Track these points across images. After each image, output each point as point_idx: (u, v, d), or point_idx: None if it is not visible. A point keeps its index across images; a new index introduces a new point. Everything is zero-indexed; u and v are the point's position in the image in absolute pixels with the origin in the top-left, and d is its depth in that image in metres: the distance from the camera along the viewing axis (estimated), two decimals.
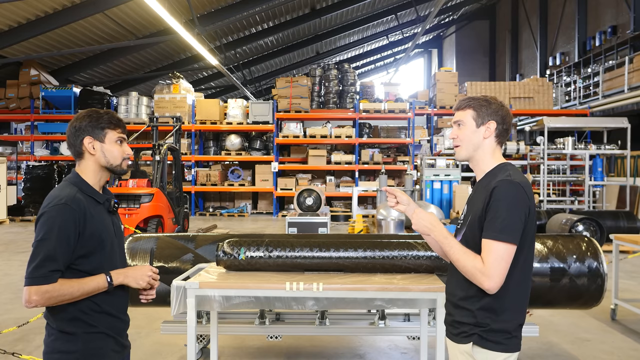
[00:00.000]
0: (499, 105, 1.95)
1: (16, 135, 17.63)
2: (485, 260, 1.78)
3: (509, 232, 1.76)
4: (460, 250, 1.83)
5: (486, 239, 1.79)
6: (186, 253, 3.50)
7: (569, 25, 19.69)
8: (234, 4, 15.25)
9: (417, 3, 20.43)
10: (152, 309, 4.95)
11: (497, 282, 1.77)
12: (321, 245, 2.99)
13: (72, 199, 1.83)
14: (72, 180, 1.92)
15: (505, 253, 1.76)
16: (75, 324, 1.84)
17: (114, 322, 1.94)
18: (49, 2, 12.41)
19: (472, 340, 1.86)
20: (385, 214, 9.58)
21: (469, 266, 1.79)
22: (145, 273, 1.95)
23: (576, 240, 3.44)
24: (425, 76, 36.51)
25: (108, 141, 1.94)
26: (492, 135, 1.94)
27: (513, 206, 1.78)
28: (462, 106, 1.97)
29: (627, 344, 4.41)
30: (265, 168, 15.05)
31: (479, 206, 1.86)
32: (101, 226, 1.90)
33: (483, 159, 1.96)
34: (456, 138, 1.98)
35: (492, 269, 1.76)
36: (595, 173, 11.79)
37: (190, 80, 20.56)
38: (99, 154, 1.93)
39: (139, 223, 8.86)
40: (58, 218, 1.78)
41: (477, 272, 1.78)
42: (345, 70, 16.00)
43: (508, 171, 1.87)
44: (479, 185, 1.97)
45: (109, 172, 1.98)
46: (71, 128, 1.94)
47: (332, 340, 4.39)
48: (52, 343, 1.86)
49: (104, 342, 1.89)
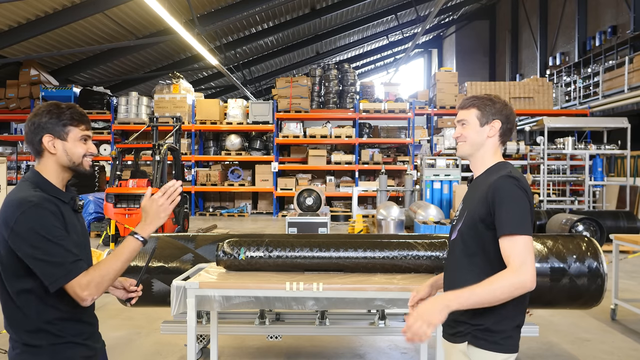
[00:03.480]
0: (503, 104, 1.95)
1: (16, 135, 17.61)
2: (512, 256, 1.72)
3: (525, 225, 1.76)
4: (486, 287, 1.69)
5: (507, 235, 1.74)
6: (186, 253, 3.50)
7: (569, 25, 19.69)
8: (234, 4, 15.25)
9: (417, 3, 20.42)
10: (152, 309, 4.95)
11: (534, 275, 1.71)
12: (321, 245, 2.99)
13: (38, 198, 1.67)
14: (33, 180, 1.75)
15: (529, 245, 1.74)
16: (40, 335, 1.69)
17: (82, 328, 1.79)
18: (49, 2, 12.40)
19: (467, 340, 1.84)
20: (385, 213, 9.58)
21: (505, 286, 1.68)
22: (158, 205, 1.76)
23: (576, 240, 3.44)
24: (425, 76, 36.50)
25: (71, 139, 1.77)
26: (496, 135, 1.95)
27: (521, 200, 1.79)
28: (466, 105, 1.97)
29: (627, 344, 4.41)
30: (265, 168, 15.05)
31: (478, 202, 1.85)
32: (71, 226, 1.75)
33: (484, 157, 1.96)
34: (460, 137, 1.98)
35: (524, 263, 1.70)
36: (595, 173, 11.78)
37: (190, 80, 20.56)
38: (61, 153, 1.76)
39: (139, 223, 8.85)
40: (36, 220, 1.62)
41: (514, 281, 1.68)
42: (345, 70, 15.99)
43: (508, 168, 1.89)
44: (476, 182, 1.97)
45: (71, 172, 1.82)
46: (29, 124, 1.75)
47: (332, 340, 4.39)
48: (17, 357, 1.70)
49: (72, 351, 1.74)
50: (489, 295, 1.68)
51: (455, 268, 1.94)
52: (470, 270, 1.86)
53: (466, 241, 1.87)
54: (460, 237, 1.90)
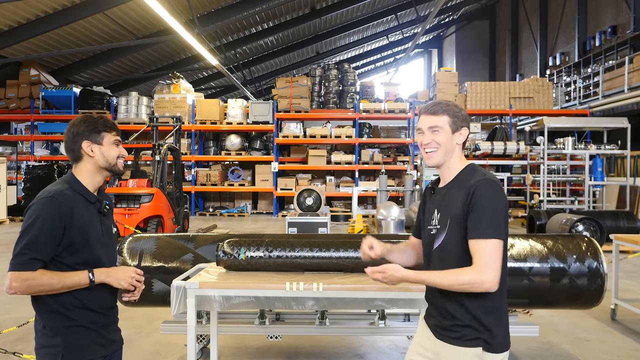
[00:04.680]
0: (464, 111, 2.01)
1: (16, 135, 17.63)
2: (478, 260, 1.77)
3: (496, 228, 1.79)
4: (442, 274, 1.82)
5: (475, 239, 1.79)
6: (186, 253, 3.50)
7: (569, 25, 19.69)
8: (234, 4, 15.25)
9: (417, 3, 20.43)
10: (152, 309, 4.95)
11: (496, 278, 1.77)
12: (321, 245, 2.99)
13: (60, 193, 1.90)
14: (65, 179, 2.01)
15: (497, 248, 1.78)
16: (55, 316, 1.90)
17: (96, 317, 1.96)
18: (49, 2, 12.41)
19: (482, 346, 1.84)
20: (385, 213, 9.58)
21: (464, 280, 1.77)
22: (128, 274, 1.99)
23: (576, 240, 3.44)
24: (425, 76, 36.51)
25: (106, 143, 2.03)
26: (462, 141, 1.98)
27: (497, 203, 1.81)
28: (437, 111, 1.96)
29: (627, 344, 4.41)
30: (265, 168, 15.05)
31: (457, 207, 1.86)
32: (88, 224, 1.95)
33: (455, 162, 1.98)
34: (430, 143, 1.96)
35: (488, 267, 1.75)
36: (595, 173, 11.78)
37: (190, 80, 20.56)
38: (98, 155, 2.02)
39: (139, 223, 8.87)
40: (43, 209, 1.86)
41: (474, 280, 1.76)
42: (345, 70, 16.00)
43: (481, 171, 1.92)
44: (449, 187, 1.97)
45: (106, 173, 2.07)
46: (69, 134, 2.02)
47: (332, 340, 4.39)
48: (38, 339, 1.93)
49: (84, 334, 1.93)
50: (449, 285, 1.79)
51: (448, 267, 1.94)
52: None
53: (453, 249, 1.88)
54: (446, 245, 1.90)
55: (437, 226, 1.95)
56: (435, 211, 1.98)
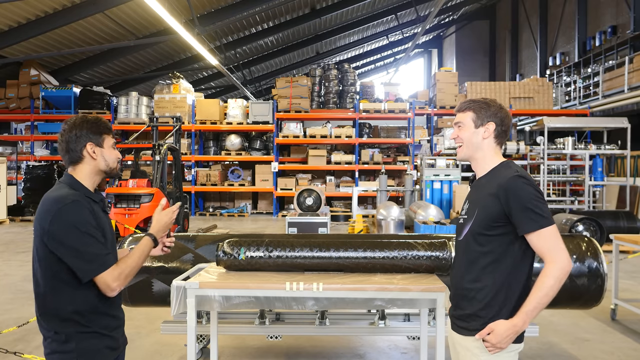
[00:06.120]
0: (498, 107, 2.03)
1: (16, 135, 17.62)
2: (544, 250, 1.84)
3: (545, 216, 1.84)
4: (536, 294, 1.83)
5: (533, 231, 1.84)
6: (186, 253, 3.50)
7: (569, 25, 19.69)
8: (234, 4, 15.25)
9: (417, 3, 20.42)
10: (152, 309, 4.95)
11: (568, 258, 1.84)
12: (321, 245, 2.99)
13: (75, 195, 1.89)
14: (68, 182, 1.96)
15: (555, 233, 1.85)
16: (69, 324, 1.87)
17: (108, 321, 1.97)
18: (49, 2, 12.41)
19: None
20: (385, 213, 9.58)
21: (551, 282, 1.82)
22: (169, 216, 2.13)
23: (576, 240, 3.44)
24: (425, 76, 36.50)
25: (106, 146, 2.02)
26: (491, 136, 2.02)
27: (534, 196, 1.86)
28: (462, 108, 2.06)
29: (627, 344, 4.41)
30: (265, 168, 15.05)
31: (489, 201, 1.91)
32: (103, 222, 1.97)
33: (484, 158, 2.03)
34: (457, 138, 2.06)
35: (556, 252, 1.83)
36: (595, 173, 11.78)
37: (190, 80, 20.56)
38: (100, 158, 2.00)
39: (139, 223, 8.86)
40: (74, 216, 1.83)
41: (556, 274, 1.82)
42: (345, 70, 15.99)
43: (514, 168, 1.96)
44: (481, 181, 2.03)
45: (103, 175, 2.06)
46: (71, 135, 1.97)
47: (332, 340, 4.39)
48: (49, 345, 1.90)
49: (98, 340, 1.93)
50: (546, 299, 1.83)
51: (465, 266, 1.99)
52: (483, 267, 1.93)
53: (478, 239, 1.94)
54: (471, 235, 1.96)
55: (465, 216, 2.04)
56: (466, 203, 2.07)
